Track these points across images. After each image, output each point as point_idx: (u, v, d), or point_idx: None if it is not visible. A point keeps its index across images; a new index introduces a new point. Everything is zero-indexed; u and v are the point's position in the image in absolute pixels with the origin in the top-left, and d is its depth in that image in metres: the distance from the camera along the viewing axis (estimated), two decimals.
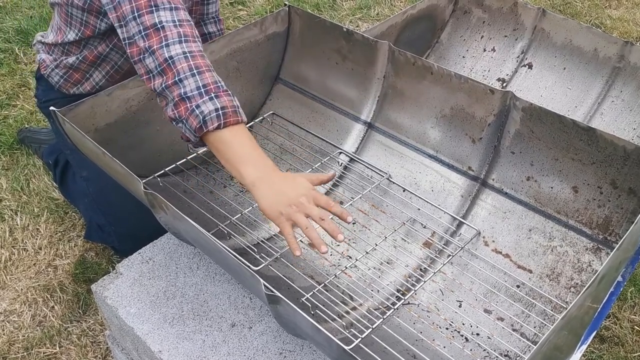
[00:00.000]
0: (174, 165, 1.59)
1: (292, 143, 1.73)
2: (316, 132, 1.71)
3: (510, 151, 1.39)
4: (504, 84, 2.27)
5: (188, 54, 1.18)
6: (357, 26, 2.77)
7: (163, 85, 1.18)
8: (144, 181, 1.44)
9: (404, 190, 1.52)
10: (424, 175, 1.52)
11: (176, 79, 1.17)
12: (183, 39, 1.20)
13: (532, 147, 1.35)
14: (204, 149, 1.28)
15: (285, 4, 1.73)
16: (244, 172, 1.13)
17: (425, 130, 1.54)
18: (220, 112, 1.16)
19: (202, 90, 1.17)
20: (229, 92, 1.22)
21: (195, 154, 1.67)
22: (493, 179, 1.42)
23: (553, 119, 1.28)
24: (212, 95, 1.17)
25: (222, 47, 1.62)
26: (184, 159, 1.62)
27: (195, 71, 1.18)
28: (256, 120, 1.78)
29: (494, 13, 2.28)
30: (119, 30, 1.23)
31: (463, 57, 2.36)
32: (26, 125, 2.10)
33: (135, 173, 1.23)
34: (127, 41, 1.22)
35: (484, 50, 2.33)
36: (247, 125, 1.77)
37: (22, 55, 2.42)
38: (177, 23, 1.21)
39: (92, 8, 1.48)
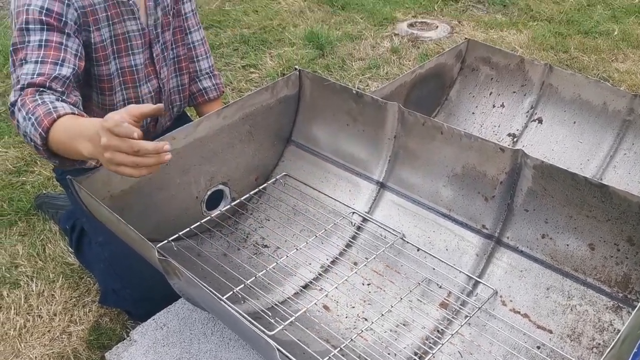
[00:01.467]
0: (187, 229, 1.60)
1: (305, 204, 1.73)
2: (329, 193, 1.72)
3: (524, 209, 1.39)
4: (515, 139, 2.28)
5: (19, 102, 1.26)
6: (366, 85, 2.83)
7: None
8: (158, 246, 1.45)
9: (418, 250, 1.52)
10: (438, 234, 1.52)
11: (17, 124, 1.26)
12: (24, 88, 1.27)
13: (546, 204, 1.34)
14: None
15: (295, 68, 1.77)
16: (80, 150, 1.15)
17: (437, 189, 1.54)
18: (36, 124, 1.21)
19: (27, 116, 1.23)
20: (47, 100, 1.25)
21: (209, 217, 1.69)
22: (508, 237, 1.41)
23: (565, 176, 1.28)
24: (30, 115, 1.22)
25: (235, 111, 1.65)
26: (198, 223, 1.64)
27: (23, 111, 1.24)
28: (269, 182, 1.80)
29: (502, 70, 2.31)
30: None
31: (473, 113, 2.39)
32: (44, 192, 2.14)
33: (150, 237, 1.24)
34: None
35: (493, 106, 2.35)
36: (261, 187, 1.80)
37: None
38: (33, 75, 1.29)
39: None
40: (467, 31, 3.30)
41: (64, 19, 1.35)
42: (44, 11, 1.33)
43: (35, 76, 1.28)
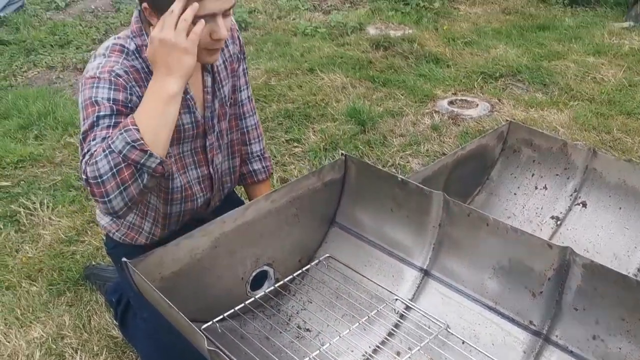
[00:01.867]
0: (232, 310, 1.63)
1: (348, 287, 1.74)
2: (372, 277, 1.73)
3: (574, 307, 1.37)
4: (558, 222, 2.26)
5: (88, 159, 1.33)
6: (407, 162, 2.86)
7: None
8: (203, 327, 1.47)
9: (463, 343, 1.50)
10: (484, 327, 1.50)
11: (104, 196, 1.32)
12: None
13: (597, 304, 1.32)
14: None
15: (342, 153, 1.82)
16: (170, 88, 1.32)
17: (483, 281, 1.54)
18: (123, 129, 1.29)
19: (107, 152, 1.30)
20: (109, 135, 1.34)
21: (252, 299, 1.71)
22: (557, 336, 1.39)
23: (616, 277, 1.27)
24: (109, 142, 1.30)
25: (283, 195, 1.70)
26: (242, 304, 1.66)
27: (95, 159, 1.31)
28: (312, 264, 1.82)
29: (544, 152, 2.32)
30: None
31: (514, 194, 2.38)
32: (93, 263, 2.20)
33: (194, 318, 1.27)
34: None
35: (536, 187, 2.34)
36: (304, 269, 1.82)
37: None
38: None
39: None
40: (508, 109, 3.34)
41: (129, 104, 1.42)
42: (111, 101, 1.39)
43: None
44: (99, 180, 1.30)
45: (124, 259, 1.39)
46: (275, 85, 3.59)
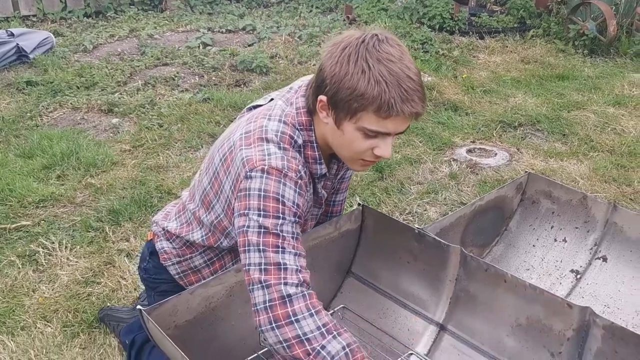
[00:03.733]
0: None
1: (362, 339, 1.72)
2: (387, 330, 1.71)
3: None
4: (578, 276, 2.23)
5: (307, 295, 1.22)
6: (424, 210, 2.85)
7: (273, 324, 1.19)
8: None
9: None
10: None
11: (292, 318, 1.18)
12: (302, 283, 1.24)
13: None
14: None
15: (359, 204, 1.83)
16: None
17: (500, 338, 1.51)
18: (348, 349, 1.17)
19: (323, 330, 1.18)
20: (345, 329, 1.23)
21: (266, 349, 1.69)
22: None
23: (638, 341, 1.24)
24: (335, 333, 1.18)
25: None
26: (255, 354, 1.64)
27: (312, 311, 1.20)
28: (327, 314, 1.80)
29: (563, 205, 2.30)
30: (241, 255, 1.30)
31: (533, 245, 2.36)
32: (108, 304, 2.21)
33: None
34: (245, 267, 1.28)
35: (555, 240, 2.32)
36: None
37: (111, 234, 2.61)
38: (299, 269, 1.26)
39: (220, 226, 1.56)
40: (526, 159, 3.33)
41: (303, 213, 1.39)
42: (295, 206, 1.32)
43: (302, 270, 1.28)
44: (293, 318, 1.21)
45: (138, 307, 1.40)
46: None
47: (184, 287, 1.67)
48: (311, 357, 1.16)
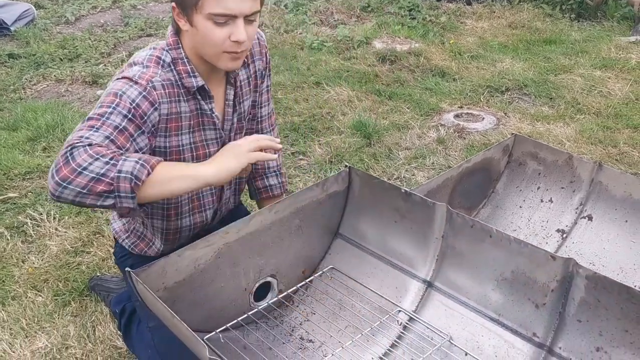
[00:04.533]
0: (235, 321, 1.63)
1: (351, 299, 1.74)
2: (375, 289, 1.73)
3: (577, 319, 1.36)
4: (564, 235, 2.25)
5: (87, 147, 1.27)
6: (412, 175, 2.86)
7: (63, 183, 1.25)
8: (206, 337, 1.47)
9: (466, 354, 1.49)
10: (487, 339, 1.49)
11: (78, 169, 1.25)
12: (89, 144, 1.30)
13: (600, 316, 1.32)
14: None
15: (346, 165, 1.83)
16: (203, 172, 1.35)
17: (486, 292, 1.53)
18: (141, 161, 1.28)
19: (111, 161, 1.27)
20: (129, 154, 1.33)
21: (256, 309, 1.71)
22: (560, 348, 1.38)
23: (620, 289, 1.26)
24: (123, 157, 1.28)
25: (287, 206, 1.71)
26: (245, 315, 1.66)
27: (97, 156, 1.26)
28: (315, 275, 1.82)
29: (549, 165, 2.32)
30: None
31: (520, 207, 2.38)
32: (98, 274, 2.21)
33: (197, 328, 1.27)
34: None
35: (541, 201, 2.34)
36: (307, 280, 1.83)
37: None
38: (97, 143, 1.31)
39: None
40: (514, 123, 3.34)
41: (145, 118, 1.43)
42: (134, 104, 1.40)
43: (104, 144, 1.32)
44: (78, 170, 1.26)
45: (127, 269, 1.40)
46: (281, 98, 3.61)
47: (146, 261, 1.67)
48: (114, 185, 1.26)
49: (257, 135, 1.47)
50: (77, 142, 1.28)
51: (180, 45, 1.51)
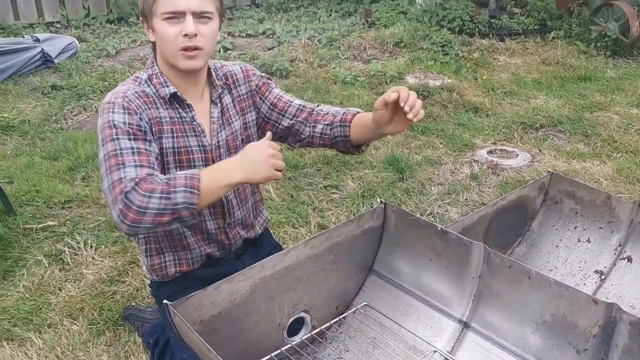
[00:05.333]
0: (268, 356, 1.62)
1: (385, 337, 1.72)
2: (409, 327, 1.71)
3: None
4: (602, 277, 2.20)
5: (136, 187, 1.42)
6: (445, 211, 2.85)
7: (137, 225, 1.41)
8: None
9: None
10: None
11: (142, 211, 1.40)
12: (137, 182, 1.43)
13: None
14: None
15: (381, 201, 1.83)
16: (234, 181, 1.47)
17: (524, 335, 1.50)
18: (188, 189, 1.41)
19: (164, 196, 1.40)
20: (169, 176, 1.46)
21: (289, 345, 1.71)
22: None
23: None
24: (171, 188, 1.41)
25: (322, 242, 1.71)
26: (278, 350, 1.66)
27: (147, 194, 1.40)
28: (349, 312, 1.81)
29: (587, 205, 2.28)
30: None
31: (556, 246, 2.34)
32: (133, 304, 2.24)
33: None
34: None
35: (579, 240, 2.30)
36: (341, 316, 1.82)
37: None
38: (137, 175, 1.44)
39: None
40: (548, 160, 3.30)
41: (142, 129, 1.54)
42: (127, 124, 1.52)
43: (140, 174, 1.45)
44: (143, 211, 1.40)
45: (165, 301, 1.42)
46: None
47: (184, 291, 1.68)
48: (175, 214, 1.42)
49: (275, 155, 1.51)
50: (125, 188, 1.42)
51: (155, 63, 1.64)
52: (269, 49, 5.32)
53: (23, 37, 5.05)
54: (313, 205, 2.91)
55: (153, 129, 1.59)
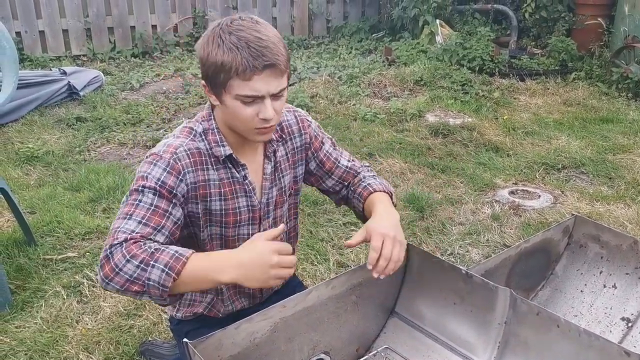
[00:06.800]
0: None
1: None
2: None
3: None
4: (629, 325, 2.14)
5: (123, 245, 1.35)
6: (466, 251, 2.81)
7: (106, 280, 1.34)
8: None
9: None
10: None
11: (116, 269, 1.33)
12: (126, 240, 1.37)
13: None
14: None
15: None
16: (221, 280, 1.35)
17: None
18: (167, 269, 1.32)
19: (142, 265, 1.33)
20: (161, 247, 1.36)
21: None
22: None
23: None
24: (151, 263, 1.32)
25: (343, 282, 1.69)
26: None
27: (128, 256, 1.33)
28: (370, 354, 1.77)
29: (613, 249, 2.23)
30: None
31: (581, 291, 2.29)
32: (149, 339, 2.22)
33: None
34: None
35: (604, 286, 2.24)
36: (362, 359, 1.78)
37: None
38: (134, 231, 1.39)
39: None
40: (571, 202, 3.26)
41: (174, 191, 1.48)
42: (160, 182, 1.46)
43: (134, 234, 1.39)
44: (117, 271, 1.34)
45: (184, 340, 1.40)
46: None
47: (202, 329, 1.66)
48: (145, 289, 1.33)
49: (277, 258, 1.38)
50: (114, 241, 1.38)
51: (213, 117, 1.57)
52: (290, 85, 5.38)
53: (50, 69, 5.18)
54: (332, 242, 2.89)
55: (197, 192, 1.54)
